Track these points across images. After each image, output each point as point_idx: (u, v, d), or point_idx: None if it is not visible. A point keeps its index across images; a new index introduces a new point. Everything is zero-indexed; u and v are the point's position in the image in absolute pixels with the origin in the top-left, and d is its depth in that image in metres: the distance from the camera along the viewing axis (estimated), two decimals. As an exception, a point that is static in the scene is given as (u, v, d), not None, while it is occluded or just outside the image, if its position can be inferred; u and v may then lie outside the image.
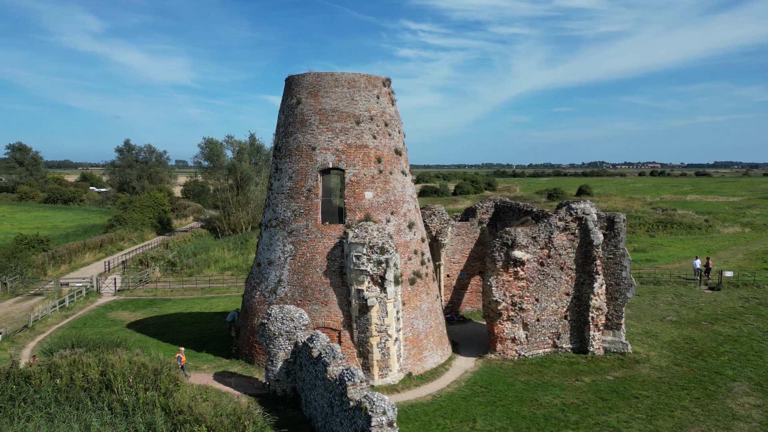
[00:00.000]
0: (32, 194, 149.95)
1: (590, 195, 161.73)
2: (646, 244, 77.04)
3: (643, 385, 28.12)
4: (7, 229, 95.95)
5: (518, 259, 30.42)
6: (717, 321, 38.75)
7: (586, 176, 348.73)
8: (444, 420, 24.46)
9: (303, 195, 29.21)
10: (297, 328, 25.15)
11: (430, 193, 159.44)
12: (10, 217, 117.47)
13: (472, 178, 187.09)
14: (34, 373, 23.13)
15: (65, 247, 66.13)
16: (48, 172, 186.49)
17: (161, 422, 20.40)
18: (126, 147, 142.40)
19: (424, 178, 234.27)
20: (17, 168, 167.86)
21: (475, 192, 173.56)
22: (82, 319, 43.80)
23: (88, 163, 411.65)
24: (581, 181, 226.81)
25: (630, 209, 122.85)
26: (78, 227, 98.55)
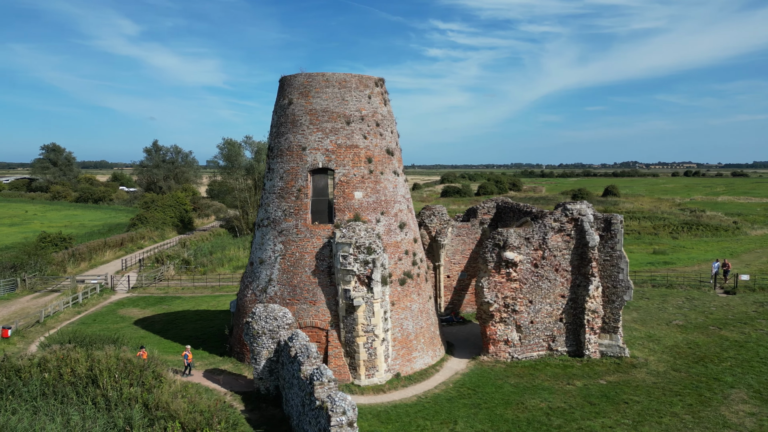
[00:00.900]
0: (64, 193, 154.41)
1: (617, 196, 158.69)
2: (667, 246, 75.24)
3: (636, 390, 27.49)
4: (37, 227, 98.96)
5: (510, 260, 30.07)
6: (726, 326, 37.61)
7: (617, 176, 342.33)
8: (425, 421, 24.33)
9: (293, 195, 29.43)
10: (280, 327, 25.36)
11: (452, 194, 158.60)
12: (41, 216, 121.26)
13: (497, 179, 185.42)
14: (23, 367, 23.86)
15: (85, 245, 67.95)
16: (80, 172, 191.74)
17: (138, 417, 20.81)
18: (154, 148, 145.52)
19: (448, 178, 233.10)
20: (51, 168, 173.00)
21: (498, 192, 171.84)
22: (93, 315, 44.92)
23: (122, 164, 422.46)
24: (610, 182, 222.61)
25: (656, 210, 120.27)
26: (104, 226, 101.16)
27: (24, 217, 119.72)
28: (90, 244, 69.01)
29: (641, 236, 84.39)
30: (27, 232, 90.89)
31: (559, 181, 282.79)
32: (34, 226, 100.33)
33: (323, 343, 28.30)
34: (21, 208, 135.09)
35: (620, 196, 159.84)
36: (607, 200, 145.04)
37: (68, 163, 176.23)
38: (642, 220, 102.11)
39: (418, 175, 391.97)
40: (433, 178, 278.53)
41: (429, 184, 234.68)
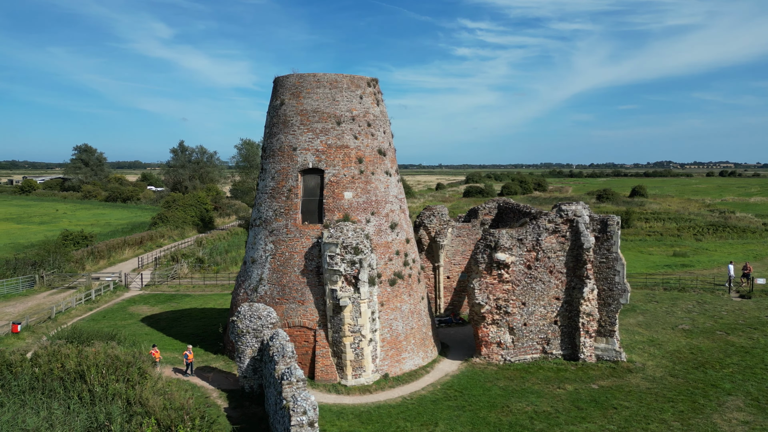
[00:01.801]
0: (95, 193, 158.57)
1: (644, 196, 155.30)
2: (688, 249, 73.34)
3: (628, 395, 26.88)
4: (65, 225, 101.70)
5: (501, 261, 29.71)
6: (734, 331, 36.48)
7: (648, 176, 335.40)
8: (405, 423, 24.24)
9: (284, 195, 29.64)
10: (264, 326, 25.58)
11: (474, 194, 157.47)
12: (70, 215, 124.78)
13: (521, 179, 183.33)
14: (15, 362, 24.60)
15: (104, 243, 69.63)
16: (111, 172, 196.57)
17: (117, 413, 21.25)
18: (180, 148, 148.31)
19: (473, 178, 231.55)
20: (83, 168, 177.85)
21: (523, 193, 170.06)
22: (104, 312, 45.99)
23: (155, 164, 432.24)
24: (640, 182, 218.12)
25: (683, 211, 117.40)
26: (128, 224, 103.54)
27: (54, 215, 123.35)
28: (109, 242, 70.70)
29: (663, 238, 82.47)
30: (54, 231, 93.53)
31: (587, 181, 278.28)
32: (62, 225, 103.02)
33: (311, 343, 28.46)
34: (52, 206, 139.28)
35: (648, 196, 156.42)
36: (633, 201, 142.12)
37: (99, 164, 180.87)
38: (666, 222, 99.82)
39: (445, 175, 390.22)
40: (458, 178, 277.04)
41: (453, 184, 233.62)
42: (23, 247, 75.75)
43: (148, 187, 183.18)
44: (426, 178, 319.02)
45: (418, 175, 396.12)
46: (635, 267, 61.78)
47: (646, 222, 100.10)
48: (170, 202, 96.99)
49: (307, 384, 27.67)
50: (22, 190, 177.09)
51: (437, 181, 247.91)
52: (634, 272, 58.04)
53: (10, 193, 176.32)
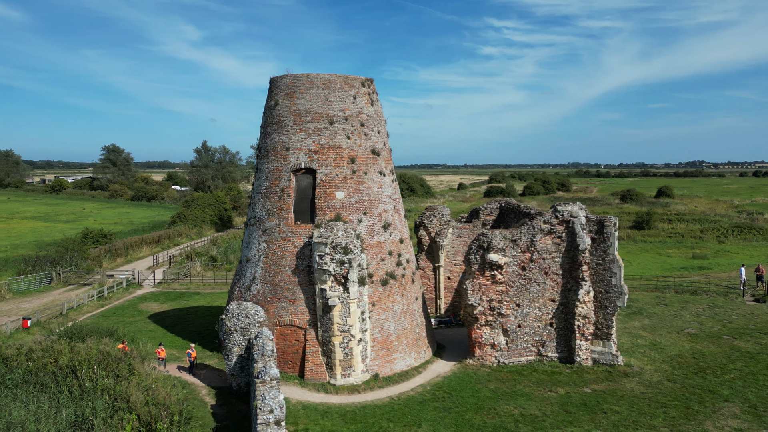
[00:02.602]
0: (121, 192, 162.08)
1: (670, 197, 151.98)
2: (709, 251, 71.60)
3: (620, 400, 26.35)
4: (90, 224, 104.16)
5: (494, 262, 29.42)
6: (742, 336, 35.46)
7: (678, 176, 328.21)
8: (389, 423, 24.20)
9: (276, 194, 29.86)
10: (251, 324, 25.82)
11: (495, 194, 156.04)
12: (96, 214, 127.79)
13: (544, 179, 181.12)
14: (11, 356, 25.30)
15: (122, 241, 71.11)
16: (137, 172, 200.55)
17: (101, 408, 21.69)
18: (203, 148, 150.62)
19: (496, 178, 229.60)
20: (111, 168, 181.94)
21: (545, 193, 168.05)
22: (114, 309, 46.97)
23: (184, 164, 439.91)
24: (668, 182, 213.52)
25: (710, 212, 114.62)
26: (149, 223, 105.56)
27: (80, 214, 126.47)
28: (126, 240, 72.18)
29: (684, 239, 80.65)
30: (78, 229, 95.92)
31: (613, 181, 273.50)
32: (86, 223, 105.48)
33: (302, 342, 28.62)
34: (80, 205, 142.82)
35: (674, 197, 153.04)
36: (658, 201, 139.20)
37: (126, 163, 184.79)
38: (690, 223, 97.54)
39: (469, 175, 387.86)
40: (482, 178, 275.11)
41: (476, 184, 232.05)
42: (46, 244, 77.76)
43: (173, 186, 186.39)
44: (450, 177, 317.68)
45: (442, 175, 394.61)
46: (650, 269, 60.57)
47: (668, 223, 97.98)
48: (189, 202, 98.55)
49: (298, 383, 27.95)
50: (53, 189, 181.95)
51: (460, 181, 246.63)
52: (648, 274, 56.93)
53: (42, 192, 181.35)
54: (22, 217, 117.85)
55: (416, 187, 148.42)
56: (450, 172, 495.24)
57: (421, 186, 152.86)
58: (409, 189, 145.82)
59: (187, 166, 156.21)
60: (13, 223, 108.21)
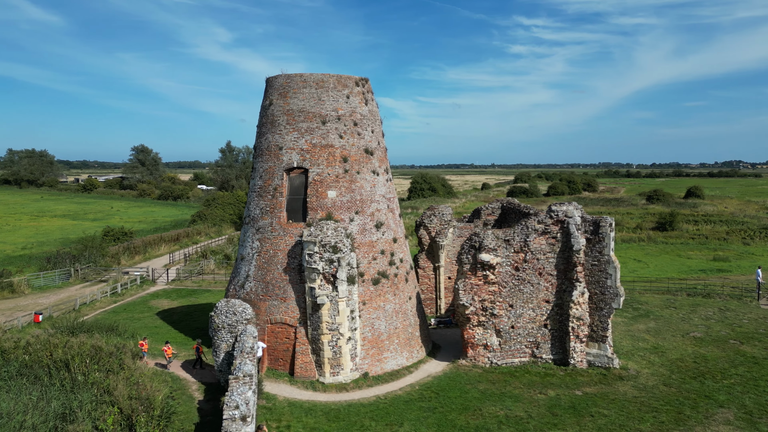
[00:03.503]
0: (149, 191, 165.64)
1: (700, 197, 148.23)
2: (732, 253, 69.65)
3: (611, 403, 25.86)
4: (116, 222, 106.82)
5: (486, 262, 29.16)
6: (750, 340, 34.40)
7: (713, 176, 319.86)
8: (371, 422, 24.22)
9: (270, 193, 30.16)
10: (239, 321, 26.12)
11: (518, 194, 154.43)
12: (123, 212, 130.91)
13: (570, 179, 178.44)
14: (9, 349, 26.14)
15: (141, 239, 72.67)
16: (165, 171, 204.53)
17: (87, 401, 22.26)
18: (227, 148, 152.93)
19: (522, 178, 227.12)
20: (139, 168, 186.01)
21: (570, 193, 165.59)
22: (125, 305, 48.00)
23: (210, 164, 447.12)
24: (700, 182, 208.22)
25: (739, 214, 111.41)
26: (172, 222, 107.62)
27: (108, 212, 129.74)
28: (146, 238, 73.73)
29: (707, 241, 78.60)
30: (103, 227, 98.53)
31: (643, 181, 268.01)
32: (113, 221, 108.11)
33: (292, 340, 28.85)
34: (108, 204, 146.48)
35: (704, 197, 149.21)
36: (686, 202, 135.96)
37: (154, 163, 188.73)
38: (716, 224, 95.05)
39: (496, 174, 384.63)
40: (508, 178, 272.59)
41: (501, 183, 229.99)
42: (71, 242, 80.00)
43: (199, 186, 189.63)
44: (475, 177, 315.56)
45: (468, 174, 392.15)
46: (667, 271, 59.23)
47: (694, 224, 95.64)
48: (210, 201, 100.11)
49: (288, 380, 28.19)
50: (85, 188, 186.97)
51: (485, 181, 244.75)
52: (664, 276, 55.69)
53: (74, 192, 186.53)
54: (52, 215, 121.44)
55: (437, 186, 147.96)
56: (477, 172, 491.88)
57: (442, 186, 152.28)
58: (430, 189, 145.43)
59: (212, 166, 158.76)
60: (43, 221, 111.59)
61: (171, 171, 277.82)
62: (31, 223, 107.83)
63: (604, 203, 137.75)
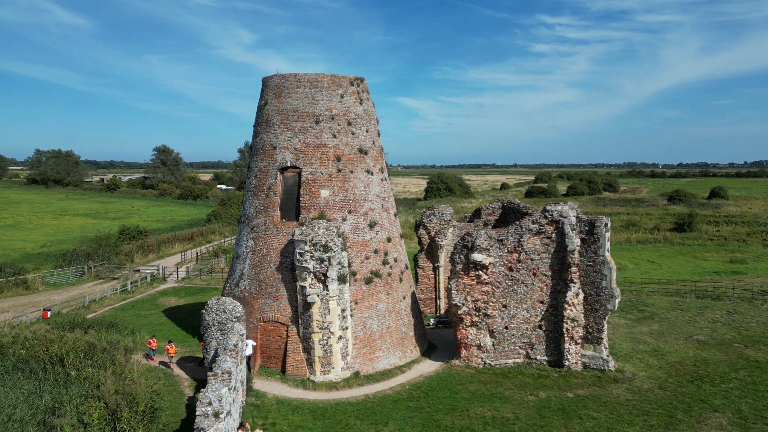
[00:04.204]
0: (169, 191, 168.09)
1: (724, 198, 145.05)
2: (750, 255, 68.13)
3: (601, 406, 25.47)
4: (135, 221, 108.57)
5: (478, 262, 28.97)
6: (755, 344, 33.59)
7: (740, 177, 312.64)
8: (356, 420, 24.25)
9: (264, 192, 30.39)
10: (228, 319, 26.37)
11: (536, 194, 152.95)
12: (143, 211, 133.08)
13: (590, 179, 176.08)
14: (6, 344, 26.79)
15: (154, 238, 73.82)
16: (186, 171, 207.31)
17: (75, 395, 22.70)
18: (246, 148, 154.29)
19: (542, 178, 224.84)
20: (161, 168, 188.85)
21: (590, 193, 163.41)
22: (134, 302, 48.81)
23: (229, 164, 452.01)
24: (726, 183, 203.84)
25: (764, 215, 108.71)
26: (190, 221, 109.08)
27: (128, 211, 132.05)
28: (159, 237, 74.88)
29: (726, 243, 76.96)
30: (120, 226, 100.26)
31: (668, 181, 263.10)
32: (132, 220, 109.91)
33: (284, 338, 29.02)
34: (129, 203, 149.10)
35: (728, 198, 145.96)
36: (709, 203, 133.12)
37: (176, 163, 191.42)
38: (738, 225, 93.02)
39: (517, 174, 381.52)
40: (528, 178, 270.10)
41: (521, 184, 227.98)
42: (89, 240, 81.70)
43: (218, 186, 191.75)
44: (496, 177, 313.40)
45: (489, 174, 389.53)
46: (680, 273, 58.16)
47: (714, 225, 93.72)
48: (226, 200, 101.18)
49: (280, 378, 28.39)
50: (108, 188, 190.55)
51: (504, 181, 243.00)
52: (676, 278, 54.67)
53: (98, 191, 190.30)
54: (74, 214, 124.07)
55: (454, 187, 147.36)
56: (498, 171, 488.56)
57: (459, 186, 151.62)
58: (447, 189, 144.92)
59: (231, 166, 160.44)
60: (65, 220, 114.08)
61: (194, 171, 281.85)
62: (53, 222, 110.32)
63: (623, 204, 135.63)
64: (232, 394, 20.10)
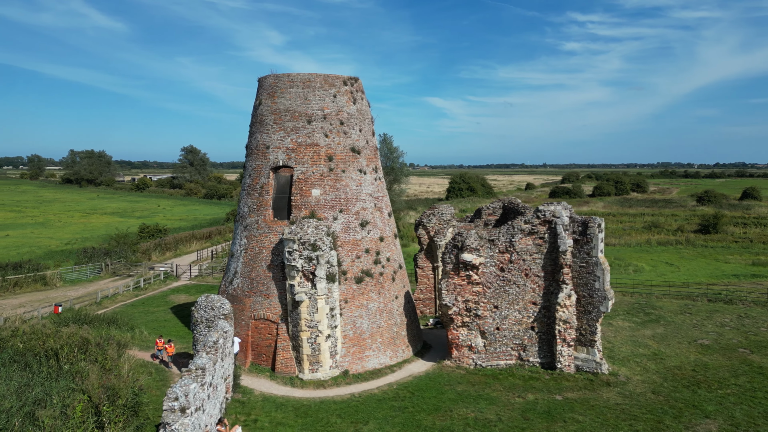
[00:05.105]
0: (195, 190, 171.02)
1: (757, 199, 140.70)
2: (774, 257, 65.74)
3: (589, 409, 24.99)
4: (159, 220, 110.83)
5: (468, 262, 28.73)
6: (762, 349, 32.53)
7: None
8: (337, 419, 24.31)
9: (257, 191, 30.71)
10: (216, 317, 26.69)
11: (561, 194, 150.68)
12: (168, 210, 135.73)
13: (617, 179, 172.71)
14: (5, 337, 27.66)
15: (172, 236, 75.21)
16: (212, 171, 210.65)
17: (63, 388, 23.30)
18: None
19: (569, 178, 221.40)
20: (188, 168, 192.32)
21: (617, 194, 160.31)
22: (145, 299, 49.84)
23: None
24: (761, 183, 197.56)
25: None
26: (212, 220, 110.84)
27: (154, 210, 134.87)
28: (177, 235, 76.27)
29: (751, 245, 74.63)
30: (148, 225, 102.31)
31: (702, 182, 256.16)
32: (157, 219, 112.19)
33: (274, 336, 29.27)
34: (156, 203, 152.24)
35: (761, 199, 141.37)
36: (740, 204, 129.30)
37: (202, 163, 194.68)
38: (767, 227, 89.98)
39: (545, 174, 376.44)
40: (556, 178, 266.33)
41: (547, 184, 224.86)
42: (111, 238, 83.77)
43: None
44: (523, 177, 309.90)
45: (517, 174, 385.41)
46: (697, 276, 56.59)
47: (742, 227, 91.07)
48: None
49: (269, 376, 28.66)
50: (138, 187, 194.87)
51: (529, 181, 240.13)
52: (692, 281, 53.19)
53: (128, 190, 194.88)
54: (102, 213, 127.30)
55: (476, 186, 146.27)
56: (526, 172, 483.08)
57: (482, 186, 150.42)
58: (469, 189, 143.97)
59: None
60: (93, 218, 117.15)
61: (223, 171, 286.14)
62: (81, 220, 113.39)
63: (650, 204, 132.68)
64: (206, 390, 20.36)
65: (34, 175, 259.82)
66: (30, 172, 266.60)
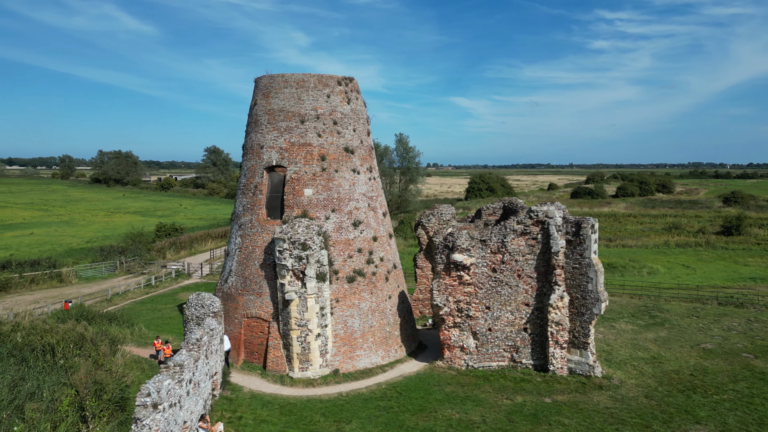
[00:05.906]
0: (217, 190, 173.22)
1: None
2: (794, 260, 63.81)
3: (577, 413, 24.60)
4: (179, 219, 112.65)
5: (459, 262, 28.53)
6: (766, 354, 31.56)
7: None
8: (321, 417, 24.38)
9: (251, 191, 31.00)
10: (206, 314, 27.03)
11: (582, 195, 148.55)
12: (189, 210, 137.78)
13: (642, 179, 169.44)
14: (6, 332, 28.46)
15: (187, 235, 76.34)
16: (235, 171, 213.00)
17: (53, 382, 23.88)
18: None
19: (594, 178, 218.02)
20: (211, 168, 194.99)
21: (641, 194, 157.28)
22: (154, 296, 50.70)
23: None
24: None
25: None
26: (230, 219, 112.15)
27: (175, 209, 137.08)
28: (192, 234, 77.41)
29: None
30: (169, 223, 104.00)
31: (731, 182, 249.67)
32: (178, 218, 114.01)
33: (266, 334, 29.50)
34: (178, 202, 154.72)
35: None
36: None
37: (225, 163, 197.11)
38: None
39: (570, 175, 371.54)
40: (580, 179, 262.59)
41: (571, 184, 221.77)
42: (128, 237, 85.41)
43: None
44: (547, 178, 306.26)
45: (541, 175, 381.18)
46: (713, 279, 55.24)
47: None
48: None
49: (260, 374, 28.90)
50: (162, 187, 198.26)
51: (552, 181, 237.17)
52: (706, 284, 51.95)
53: (153, 190, 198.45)
54: (126, 212, 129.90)
55: (496, 187, 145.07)
56: (551, 172, 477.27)
57: (501, 186, 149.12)
58: (488, 189, 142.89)
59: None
60: (116, 217, 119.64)
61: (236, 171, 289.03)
62: (105, 219, 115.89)
63: (674, 205, 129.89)
64: (185, 387, 20.62)
65: (64, 175, 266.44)
66: (61, 172, 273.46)
